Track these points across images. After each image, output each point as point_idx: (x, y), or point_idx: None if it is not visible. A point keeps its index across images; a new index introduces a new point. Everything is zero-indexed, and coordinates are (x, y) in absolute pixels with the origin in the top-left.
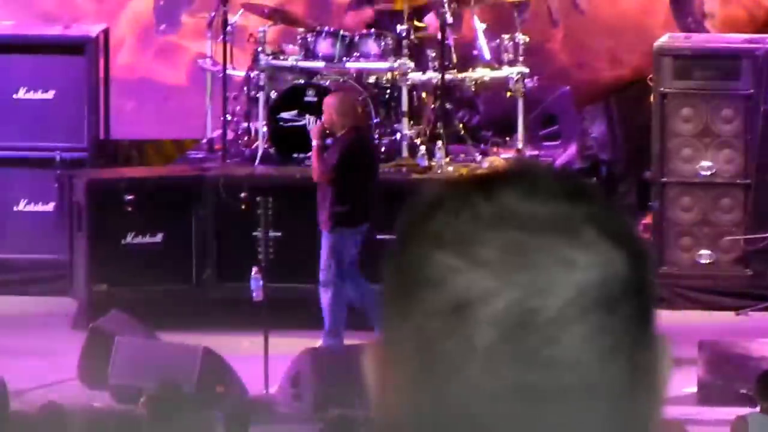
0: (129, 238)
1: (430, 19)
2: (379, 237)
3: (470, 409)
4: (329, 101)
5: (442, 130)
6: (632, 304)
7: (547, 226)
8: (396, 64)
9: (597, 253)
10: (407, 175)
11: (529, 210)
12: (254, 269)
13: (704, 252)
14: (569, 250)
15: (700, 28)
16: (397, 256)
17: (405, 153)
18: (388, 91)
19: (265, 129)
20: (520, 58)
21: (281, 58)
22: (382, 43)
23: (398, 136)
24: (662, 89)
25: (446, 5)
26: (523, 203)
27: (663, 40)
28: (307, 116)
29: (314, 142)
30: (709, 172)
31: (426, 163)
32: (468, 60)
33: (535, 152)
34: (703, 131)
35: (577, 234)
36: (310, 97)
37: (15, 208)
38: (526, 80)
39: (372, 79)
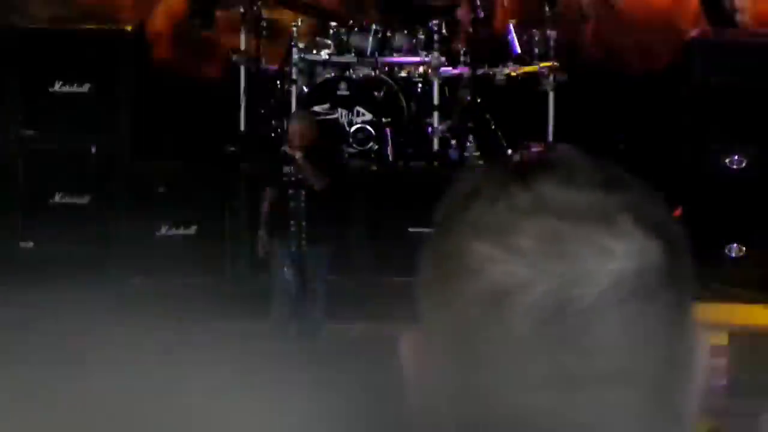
0: (163, 230)
1: (462, 14)
2: (411, 230)
3: (507, 397)
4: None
5: (472, 124)
6: (669, 293)
7: (584, 215)
8: (428, 59)
9: (633, 242)
10: (439, 169)
11: (565, 199)
12: (287, 260)
13: (736, 245)
14: (606, 239)
15: (732, 23)
16: (435, 246)
17: (436, 147)
18: (420, 85)
19: None
20: (551, 53)
21: (314, 52)
22: (414, 38)
23: (430, 129)
24: (692, 83)
25: (478, 1)
26: (559, 192)
27: (693, 34)
28: (339, 110)
29: (298, 155)
30: (741, 166)
31: (457, 156)
32: (499, 54)
33: (566, 145)
34: (734, 125)
35: (613, 223)
36: (343, 90)
37: (51, 201)
38: (556, 74)
39: (404, 73)
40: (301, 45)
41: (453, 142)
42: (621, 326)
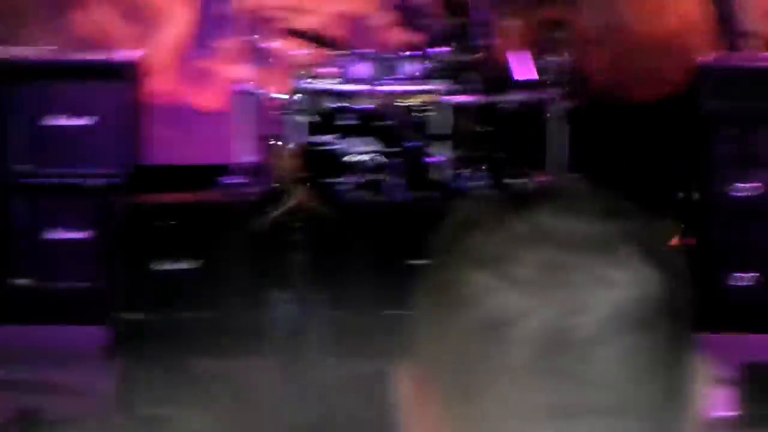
0: (163, 265)
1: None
2: (410, 262)
3: (505, 428)
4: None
5: (480, 153)
6: (669, 324)
7: (584, 245)
8: (433, 87)
9: (634, 272)
10: (442, 200)
11: (565, 228)
12: (288, 298)
13: (746, 274)
14: (606, 269)
15: (744, 47)
16: (432, 276)
17: (440, 177)
18: (423, 114)
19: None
20: (559, 79)
21: (318, 81)
22: (420, 65)
23: (433, 159)
24: (704, 109)
25: (485, 26)
26: (559, 221)
27: (705, 58)
28: (345, 140)
29: (293, 185)
30: (752, 194)
31: (461, 187)
32: (505, 81)
33: (571, 174)
34: (745, 152)
35: (613, 252)
36: (348, 120)
37: (50, 236)
38: (564, 102)
39: (408, 102)
40: (305, 74)
41: (457, 172)
42: (620, 357)
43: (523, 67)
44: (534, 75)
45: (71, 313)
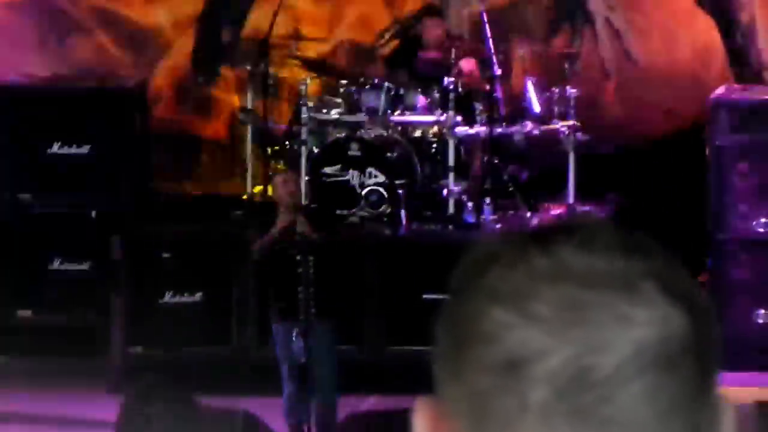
0: (167, 298)
1: (476, 71)
2: (426, 297)
3: None
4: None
5: (490, 186)
6: (692, 362)
7: (605, 282)
8: (442, 118)
9: (656, 310)
10: (454, 233)
11: (586, 265)
12: (295, 330)
13: (763, 311)
14: (627, 307)
15: (759, 80)
16: (450, 311)
17: (451, 209)
18: (434, 145)
19: (307, 184)
20: (571, 111)
21: (324, 111)
22: (428, 96)
23: (445, 192)
24: (718, 143)
25: (494, 57)
26: (579, 258)
27: (719, 92)
28: (351, 171)
29: (295, 215)
30: (766, 229)
31: (473, 220)
32: (517, 113)
33: (586, 208)
34: (760, 186)
35: (635, 290)
36: (354, 151)
37: (50, 267)
38: (577, 134)
39: (418, 133)
40: (310, 103)
41: (469, 204)
42: (642, 397)
43: (537, 99)
44: (548, 107)
45: (73, 345)
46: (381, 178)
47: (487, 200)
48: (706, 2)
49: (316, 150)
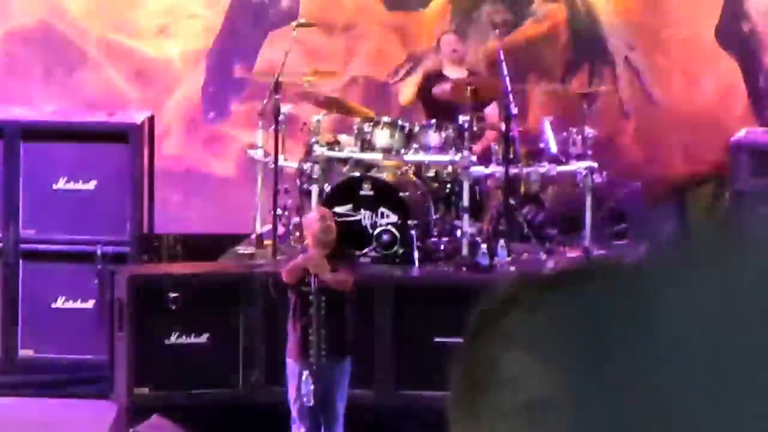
0: (173, 338)
1: (493, 110)
2: (437, 340)
3: None
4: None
5: (505, 227)
6: None
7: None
8: (457, 157)
9: None
10: (468, 275)
11: (606, 308)
12: (305, 372)
13: None
14: None
15: None
16: (466, 355)
17: (465, 251)
18: (449, 185)
19: None
20: (589, 152)
21: (336, 149)
22: (443, 135)
23: (459, 233)
24: (738, 187)
25: (511, 96)
26: (600, 301)
27: (740, 134)
28: (362, 211)
29: (321, 255)
30: None
31: (487, 262)
32: (533, 153)
33: (603, 251)
34: None
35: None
36: (366, 190)
37: (53, 305)
38: (594, 175)
39: (432, 173)
40: (322, 141)
41: (483, 246)
42: None
43: (554, 139)
44: (565, 147)
45: (77, 385)
46: (393, 218)
47: (501, 242)
48: (730, 43)
49: (327, 188)
